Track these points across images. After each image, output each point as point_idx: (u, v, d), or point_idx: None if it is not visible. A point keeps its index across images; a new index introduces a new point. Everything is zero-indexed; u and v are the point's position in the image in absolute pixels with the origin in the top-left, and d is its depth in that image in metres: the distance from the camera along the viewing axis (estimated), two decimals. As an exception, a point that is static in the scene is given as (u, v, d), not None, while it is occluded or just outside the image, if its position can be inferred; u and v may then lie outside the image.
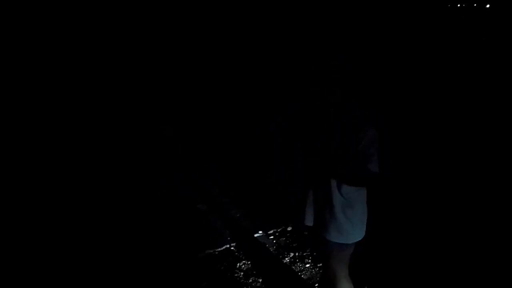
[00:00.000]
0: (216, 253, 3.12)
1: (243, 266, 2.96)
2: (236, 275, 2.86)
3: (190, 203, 3.70)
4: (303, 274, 2.85)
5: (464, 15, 4.05)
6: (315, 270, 2.86)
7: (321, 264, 2.83)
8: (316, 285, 2.71)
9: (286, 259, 3.03)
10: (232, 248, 3.18)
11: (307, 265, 2.93)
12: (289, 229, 3.43)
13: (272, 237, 3.34)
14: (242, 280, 2.80)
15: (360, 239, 1.91)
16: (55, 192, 3.59)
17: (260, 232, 3.42)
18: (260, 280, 2.78)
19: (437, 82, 4.19)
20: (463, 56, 4.14)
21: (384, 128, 1.94)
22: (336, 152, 1.79)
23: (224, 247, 3.18)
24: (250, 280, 2.79)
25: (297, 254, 3.08)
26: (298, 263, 2.96)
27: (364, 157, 1.75)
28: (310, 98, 1.89)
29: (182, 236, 3.34)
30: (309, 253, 3.06)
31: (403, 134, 3.99)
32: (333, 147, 1.80)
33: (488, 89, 4.01)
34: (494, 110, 3.96)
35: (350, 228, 1.85)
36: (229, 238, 3.31)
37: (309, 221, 1.96)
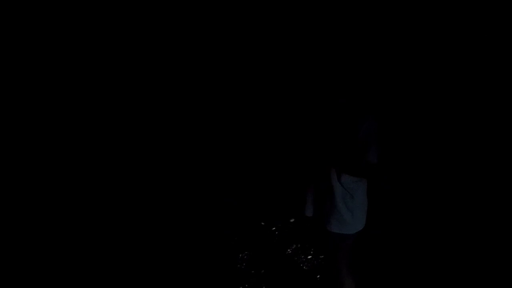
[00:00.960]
0: (218, 243, 3.14)
1: (245, 256, 2.98)
2: (238, 265, 2.89)
3: (191, 200, 3.71)
4: (304, 265, 2.87)
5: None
6: (316, 261, 2.88)
7: (322, 256, 2.84)
8: (318, 276, 2.73)
9: (288, 250, 3.05)
10: (234, 238, 3.20)
11: (309, 257, 2.95)
12: (291, 220, 3.44)
13: (274, 228, 3.36)
14: (244, 270, 2.82)
15: (361, 229, 1.92)
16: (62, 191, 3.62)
17: (263, 223, 3.43)
18: (262, 271, 2.80)
19: (437, 77, 4.13)
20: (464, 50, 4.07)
21: (384, 121, 1.94)
22: (336, 145, 1.79)
23: (226, 238, 3.20)
24: (252, 271, 2.82)
25: (299, 245, 3.09)
26: (300, 254, 2.98)
27: (362, 147, 1.74)
28: (310, 94, 1.91)
29: (183, 229, 3.35)
30: (311, 245, 3.07)
31: (404, 129, 3.96)
32: (333, 140, 1.81)
33: (488, 85, 3.95)
34: (494, 105, 3.90)
35: (351, 218, 1.86)
36: (231, 229, 3.33)
37: (309, 212, 1.97)
